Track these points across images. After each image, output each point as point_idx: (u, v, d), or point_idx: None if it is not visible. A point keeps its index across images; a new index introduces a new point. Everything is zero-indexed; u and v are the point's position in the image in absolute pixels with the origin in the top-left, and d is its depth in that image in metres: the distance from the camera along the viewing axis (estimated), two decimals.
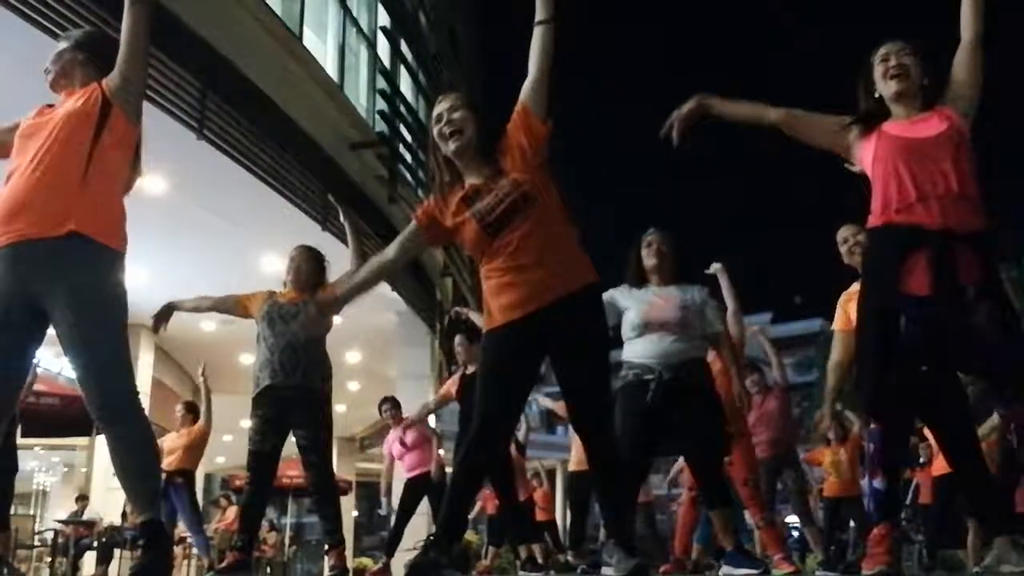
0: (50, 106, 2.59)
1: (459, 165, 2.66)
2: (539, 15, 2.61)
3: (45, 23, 5.14)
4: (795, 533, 12.66)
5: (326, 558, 4.22)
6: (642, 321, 3.65)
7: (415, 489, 6.57)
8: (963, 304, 2.39)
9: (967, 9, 2.64)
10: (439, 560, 2.48)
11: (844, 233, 3.76)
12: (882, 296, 2.52)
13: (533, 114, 2.60)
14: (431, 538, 2.58)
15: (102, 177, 2.43)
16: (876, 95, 2.68)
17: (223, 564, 3.99)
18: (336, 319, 4.15)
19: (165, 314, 3.97)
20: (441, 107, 2.66)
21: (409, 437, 6.73)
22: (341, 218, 4.36)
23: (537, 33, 2.62)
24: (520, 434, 8.02)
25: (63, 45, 2.66)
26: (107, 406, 2.34)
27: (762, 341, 6.38)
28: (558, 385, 2.69)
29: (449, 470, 4.96)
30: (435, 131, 2.66)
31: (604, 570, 2.59)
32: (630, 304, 3.72)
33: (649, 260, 3.77)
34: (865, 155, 2.65)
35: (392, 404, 7.01)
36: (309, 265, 4.14)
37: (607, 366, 2.65)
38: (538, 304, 2.50)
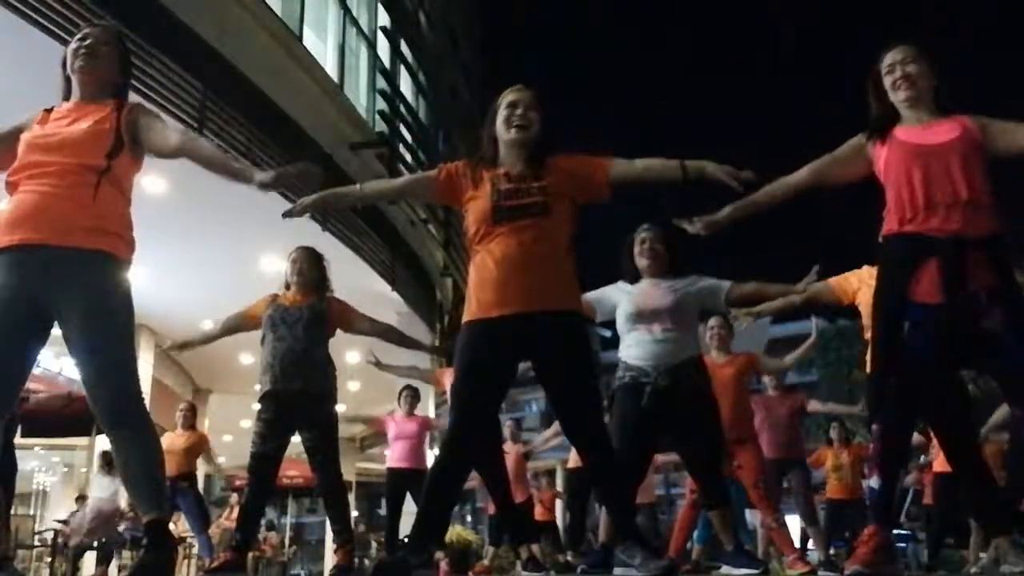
0: (48, 110, 2.55)
1: (503, 151, 2.72)
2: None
3: (45, 23, 5.14)
4: None
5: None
6: (635, 310, 3.64)
7: (397, 482, 6.51)
8: (974, 309, 2.41)
9: None
10: (409, 561, 2.45)
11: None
12: (890, 303, 2.55)
13: (607, 184, 2.68)
14: (405, 539, 2.55)
15: (112, 192, 2.44)
16: (888, 99, 2.69)
17: (215, 564, 3.98)
18: None
19: (178, 348, 4.68)
20: (516, 96, 2.72)
21: (409, 426, 6.68)
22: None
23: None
24: (537, 442, 8.02)
25: (101, 32, 2.62)
26: (113, 408, 2.34)
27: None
28: (548, 400, 2.70)
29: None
30: (502, 115, 2.71)
31: (617, 570, 2.57)
32: (623, 297, 3.72)
33: (642, 259, 3.74)
34: (880, 162, 2.66)
35: (413, 393, 6.94)
36: (312, 267, 4.15)
37: (595, 385, 2.66)
38: (517, 308, 2.53)
